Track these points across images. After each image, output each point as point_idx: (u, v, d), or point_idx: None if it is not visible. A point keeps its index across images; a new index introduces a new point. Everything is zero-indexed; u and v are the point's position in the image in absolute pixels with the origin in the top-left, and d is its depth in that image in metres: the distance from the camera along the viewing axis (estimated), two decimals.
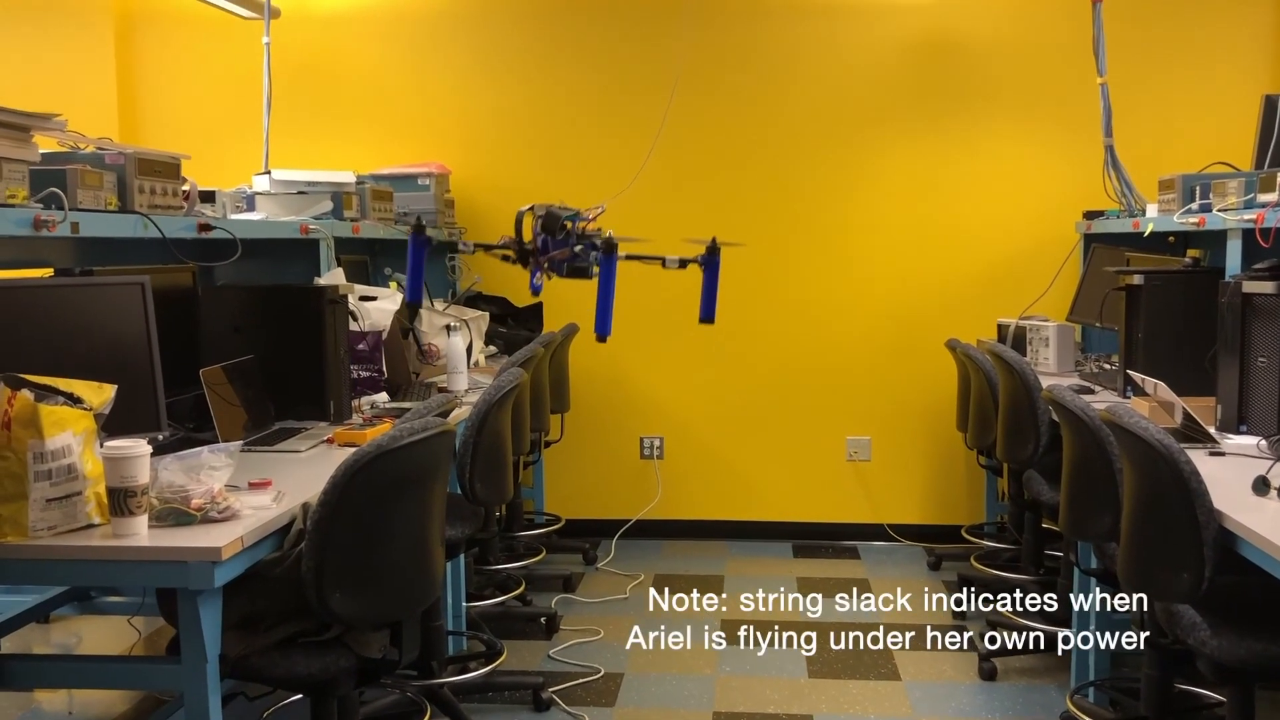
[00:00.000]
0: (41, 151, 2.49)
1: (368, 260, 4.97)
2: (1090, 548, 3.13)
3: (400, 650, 2.47)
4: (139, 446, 2.03)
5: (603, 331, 2.08)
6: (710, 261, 2.23)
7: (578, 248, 2.11)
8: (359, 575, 2.27)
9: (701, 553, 5.23)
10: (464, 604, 3.93)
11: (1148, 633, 2.56)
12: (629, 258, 2.18)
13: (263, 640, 2.28)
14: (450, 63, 5.36)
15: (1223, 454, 2.71)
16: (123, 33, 5.40)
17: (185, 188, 2.96)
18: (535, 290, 2.28)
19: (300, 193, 3.94)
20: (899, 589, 4.65)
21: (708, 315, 2.24)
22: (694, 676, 3.78)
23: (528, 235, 2.20)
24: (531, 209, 2.24)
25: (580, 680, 3.74)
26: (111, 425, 2.20)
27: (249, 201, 3.88)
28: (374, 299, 3.89)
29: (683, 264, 2.29)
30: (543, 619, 4.23)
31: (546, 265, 2.16)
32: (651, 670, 3.84)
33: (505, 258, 2.25)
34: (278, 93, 5.06)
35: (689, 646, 4.03)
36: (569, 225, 2.15)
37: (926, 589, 4.66)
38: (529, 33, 5.32)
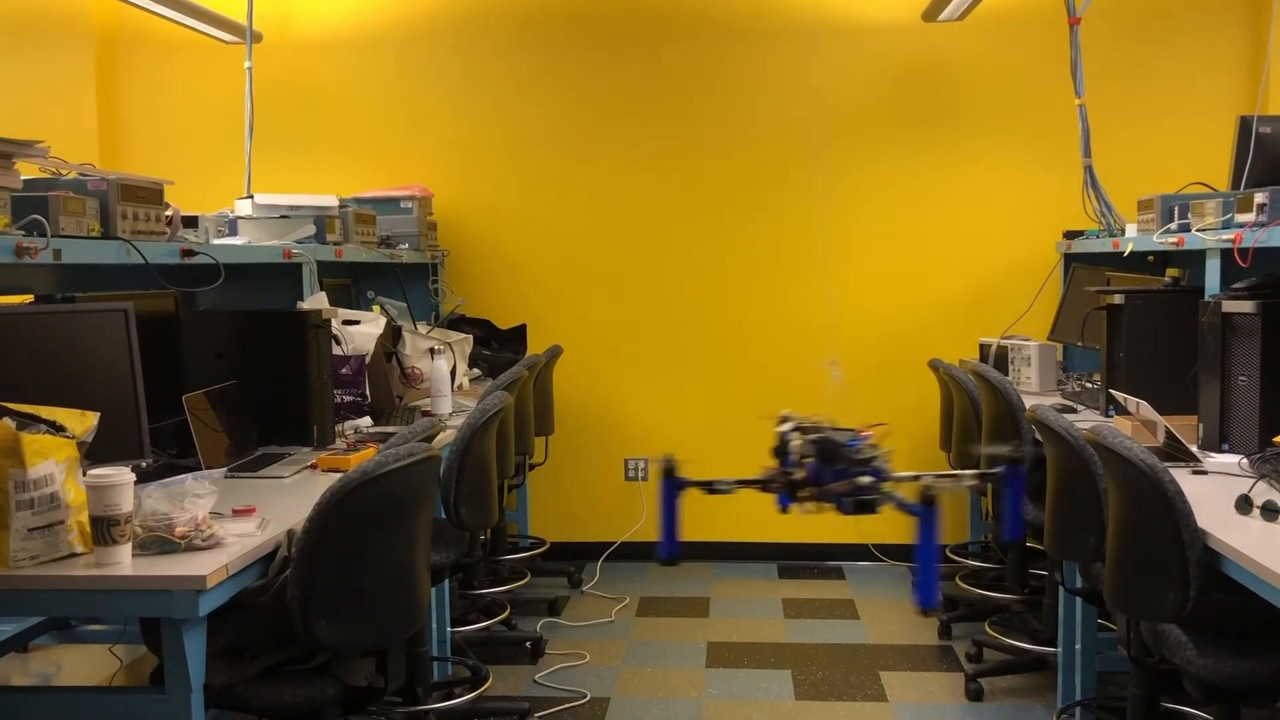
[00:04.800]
0: (23, 178, 2.48)
1: (351, 284, 4.97)
2: (1075, 567, 3.15)
3: (386, 678, 2.45)
4: (122, 474, 2.01)
5: (928, 603, 1.76)
6: (1013, 474, 1.87)
7: (863, 479, 1.82)
8: (344, 602, 2.25)
9: (687, 575, 5.22)
10: (449, 629, 3.91)
11: (1133, 652, 2.56)
12: (914, 477, 1.86)
13: (248, 669, 2.26)
14: (432, 86, 5.38)
15: (1205, 473, 2.73)
16: (104, 58, 5.40)
17: (168, 213, 2.95)
18: (783, 510, 1.96)
19: (283, 217, 3.94)
20: (885, 609, 4.68)
21: (1014, 532, 1.89)
22: (681, 700, 3.77)
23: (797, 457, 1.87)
24: (797, 429, 1.91)
25: (566, 705, 3.72)
26: (94, 453, 2.18)
27: (231, 226, 3.87)
28: (357, 323, 3.88)
29: (983, 479, 1.96)
30: (528, 643, 4.21)
31: (823, 498, 1.87)
32: (638, 694, 3.82)
33: (766, 489, 1.95)
34: (260, 117, 5.07)
35: (675, 670, 4.03)
36: (848, 452, 1.83)
37: (912, 609, 4.68)
38: (510, 56, 5.34)
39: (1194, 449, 2.90)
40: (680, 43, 5.29)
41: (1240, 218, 3.06)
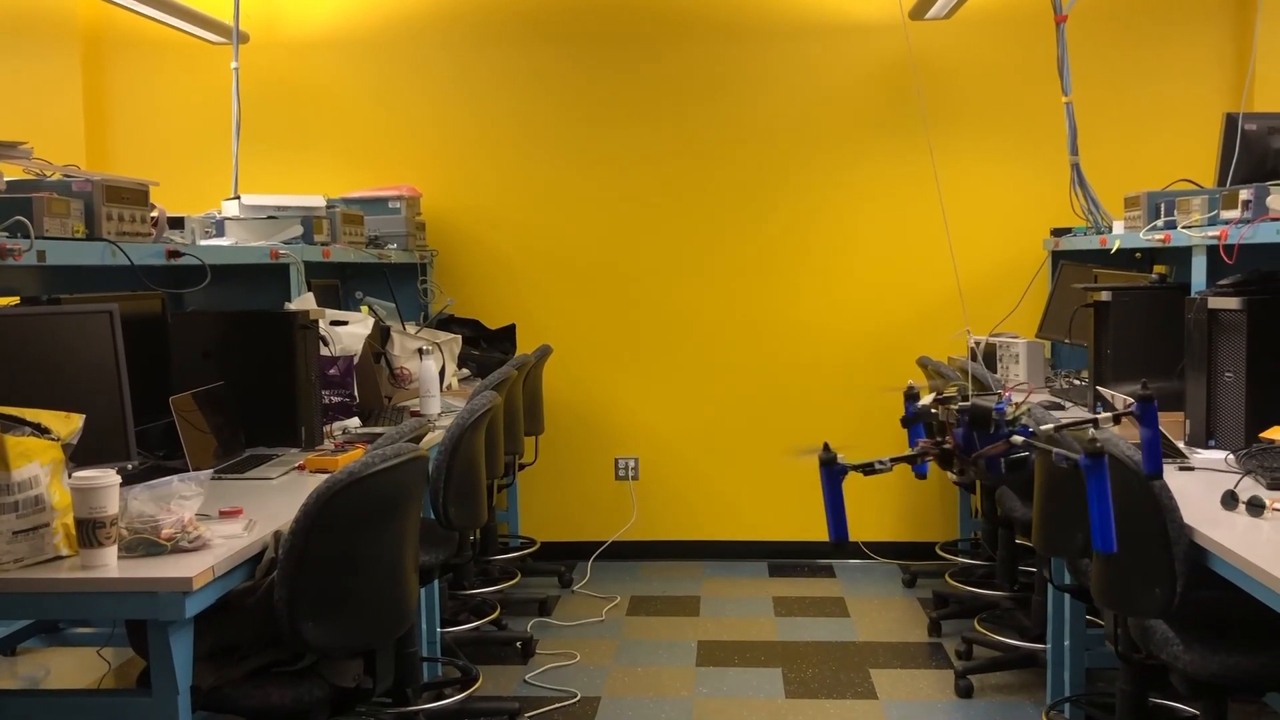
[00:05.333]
0: (7, 179, 2.47)
1: (339, 284, 4.96)
2: (1063, 564, 3.15)
3: (375, 678, 2.45)
4: (108, 477, 2.01)
5: (1107, 546, 1.76)
6: (1146, 411, 1.85)
7: (1016, 438, 1.82)
8: (332, 603, 2.25)
9: (678, 574, 5.22)
10: (439, 630, 3.90)
11: (1121, 648, 2.57)
12: (1058, 428, 1.86)
13: (235, 671, 2.25)
14: (420, 86, 5.37)
15: (1192, 469, 2.73)
16: (90, 58, 5.38)
17: (153, 214, 2.94)
18: (921, 476, 2.03)
19: (270, 217, 3.93)
20: (875, 607, 4.68)
21: (1155, 467, 1.88)
22: (671, 699, 3.77)
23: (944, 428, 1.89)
24: (945, 400, 1.92)
25: (557, 705, 3.72)
26: (80, 455, 2.17)
27: (218, 227, 3.86)
28: (345, 323, 3.87)
29: (1116, 419, 1.95)
30: (518, 643, 4.20)
31: (979, 463, 1.87)
32: (628, 694, 3.82)
33: (923, 461, 1.97)
34: (246, 117, 5.06)
35: (666, 669, 4.04)
36: (997, 416, 1.83)
37: (902, 607, 4.69)
38: (497, 55, 5.34)
39: (1180, 445, 2.91)
40: (668, 42, 5.29)
41: (1226, 214, 3.07)
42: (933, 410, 1.93)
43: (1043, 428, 1.83)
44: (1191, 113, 5.09)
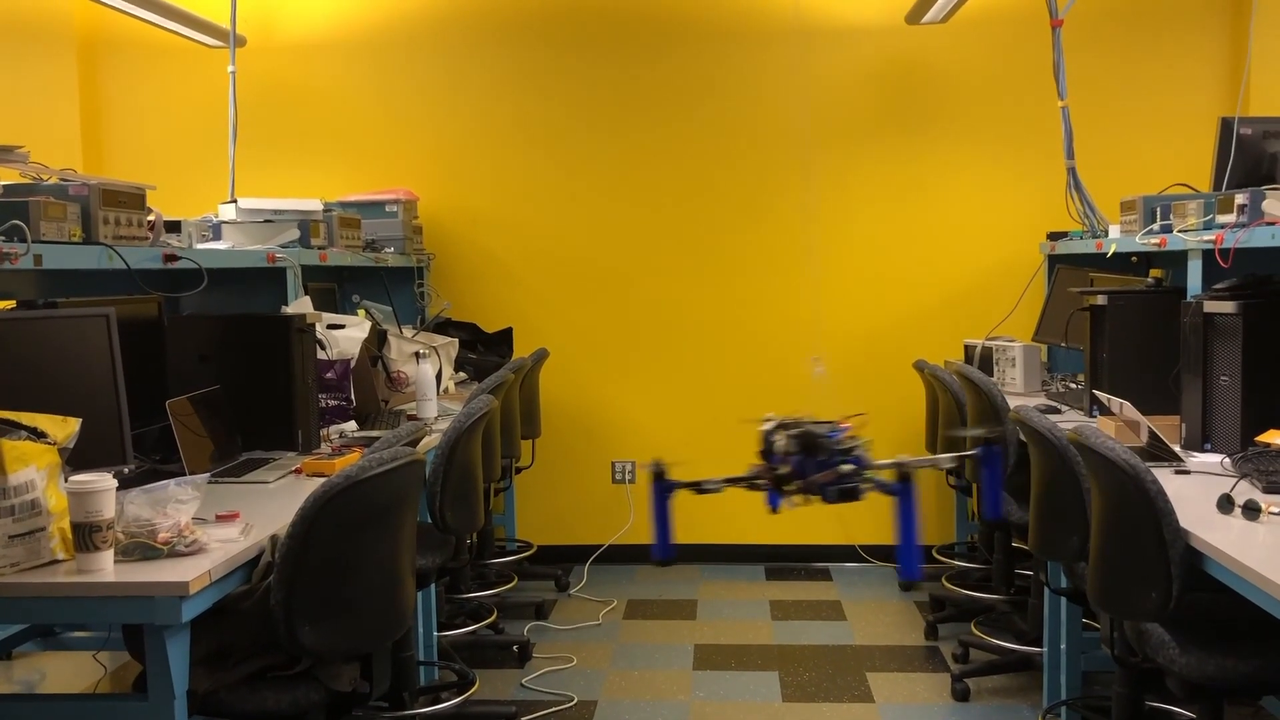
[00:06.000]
0: (3, 183, 2.47)
1: (335, 288, 4.96)
2: (1060, 567, 3.16)
3: (371, 682, 2.44)
4: (104, 480, 2.00)
5: (911, 574, 1.78)
6: (990, 454, 1.88)
7: (845, 468, 1.84)
8: (329, 607, 2.25)
9: (674, 577, 5.22)
10: (435, 634, 3.90)
11: (1117, 651, 2.58)
12: (896, 464, 1.88)
13: (231, 675, 2.25)
14: (417, 89, 5.37)
15: (1188, 472, 2.74)
16: (86, 62, 5.38)
17: (150, 218, 2.94)
18: (773, 510, 1.98)
19: (267, 221, 3.93)
20: (871, 610, 4.69)
21: (994, 511, 1.91)
22: (668, 702, 3.77)
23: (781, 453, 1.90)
24: (780, 426, 1.93)
25: (553, 709, 3.72)
26: (76, 459, 2.17)
27: (215, 230, 3.86)
28: (342, 327, 3.87)
29: (960, 463, 1.99)
30: (515, 647, 4.20)
31: (807, 490, 1.88)
32: (625, 697, 3.82)
33: (754, 487, 1.98)
34: (243, 121, 5.06)
35: (663, 672, 4.03)
36: (828, 442, 1.86)
37: (898, 610, 4.69)
38: (494, 59, 5.34)
39: (1176, 449, 2.91)
40: (663, 45, 5.29)
41: (1221, 218, 3.08)
42: (773, 436, 1.92)
43: (875, 462, 1.82)
44: (1187, 117, 5.10)
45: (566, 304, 5.40)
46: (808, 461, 1.84)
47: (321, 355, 3.59)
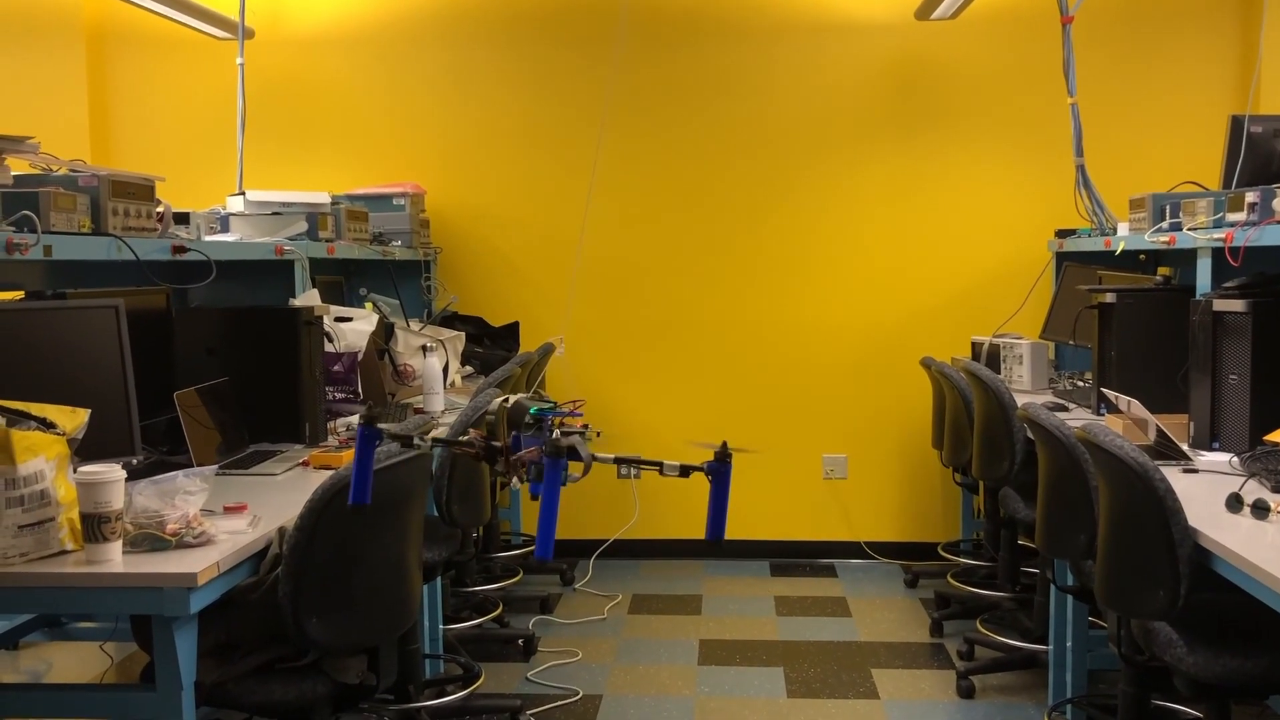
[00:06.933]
0: (14, 174, 2.47)
1: (343, 281, 4.96)
2: (1066, 565, 3.15)
3: (378, 675, 2.45)
4: (113, 471, 2.01)
5: (544, 554, 1.71)
6: (719, 470, 1.82)
7: (550, 449, 1.76)
8: (336, 600, 2.25)
9: (679, 572, 5.22)
10: (441, 627, 3.90)
11: (1124, 649, 2.57)
12: (619, 461, 1.84)
13: (239, 667, 2.25)
14: (425, 83, 5.37)
15: (1196, 471, 2.73)
16: (95, 54, 5.38)
17: (159, 209, 2.94)
18: (534, 495, 1.93)
19: (275, 214, 3.93)
20: (876, 607, 4.68)
21: (715, 534, 1.88)
22: (673, 697, 3.77)
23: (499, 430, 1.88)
24: (504, 400, 1.88)
25: (559, 702, 3.72)
26: (85, 450, 2.17)
27: (223, 223, 3.86)
28: (349, 320, 3.87)
29: (684, 472, 1.93)
30: (520, 641, 4.21)
31: (512, 466, 1.83)
32: (630, 692, 3.82)
33: (475, 456, 1.94)
34: (252, 113, 5.05)
35: (667, 667, 4.04)
36: (539, 420, 1.79)
37: (903, 607, 4.69)
38: (503, 53, 5.34)
39: (1185, 447, 2.91)
40: (672, 42, 5.28)
41: (1231, 217, 3.07)
42: (497, 406, 1.89)
43: (589, 452, 1.78)
44: (1197, 115, 5.08)
45: (573, 299, 5.39)
46: (520, 438, 1.83)
47: (329, 348, 3.59)
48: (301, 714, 2.36)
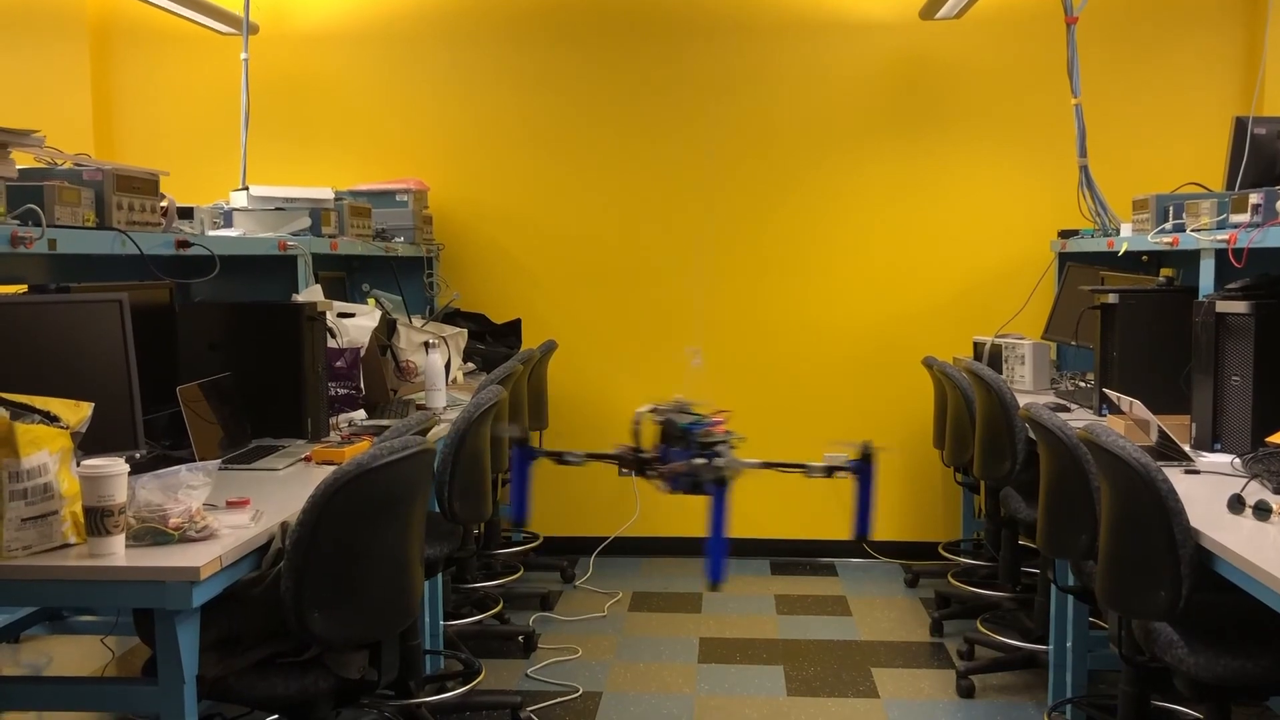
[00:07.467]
0: (19, 168, 2.47)
1: (345, 277, 4.96)
2: (1067, 565, 3.15)
3: (379, 671, 2.45)
4: (116, 465, 2.01)
5: (715, 577, 1.80)
6: (863, 469, 1.87)
7: (699, 461, 1.81)
8: (338, 595, 2.25)
9: (680, 570, 5.23)
10: (442, 623, 3.91)
11: (1124, 650, 2.57)
12: (766, 466, 1.89)
13: (241, 661, 2.26)
14: (429, 79, 5.37)
15: (1198, 472, 2.73)
16: (99, 48, 5.38)
17: (163, 204, 2.94)
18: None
19: (278, 209, 3.93)
20: (877, 606, 4.69)
21: (863, 531, 1.93)
22: (673, 695, 3.78)
23: (646, 441, 1.92)
24: (653, 410, 1.93)
25: (559, 699, 3.73)
26: (88, 444, 2.17)
27: (227, 218, 3.86)
28: (352, 315, 3.88)
29: (828, 473, 1.97)
30: (521, 638, 4.21)
31: (662, 478, 1.88)
32: (630, 689, 3.83)
33: (623, 471, 1.99)
34: (255, 109, 5.05)
35: (667, 665, 4.04)
36: (689, 435, 1.83)
37: (904, 606, 4.70)
38: (507, 50, 5.34)
39: (1187, 448, 2.91)
40: (675, 39, 5.28)
41: (1235, 218, 3.07)
42: (641, 421, 1.93)
43: (736, 460, 1.82)
44: (1201, 116, 5.08)
45: (575, 296, 5.40)
46: (670, 450, 1.87)
47: (331, 343, 3.60)
48: (303, 709, 2.37)
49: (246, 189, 4.07)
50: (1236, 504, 2.32)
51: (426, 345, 4.15)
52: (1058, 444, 2.80)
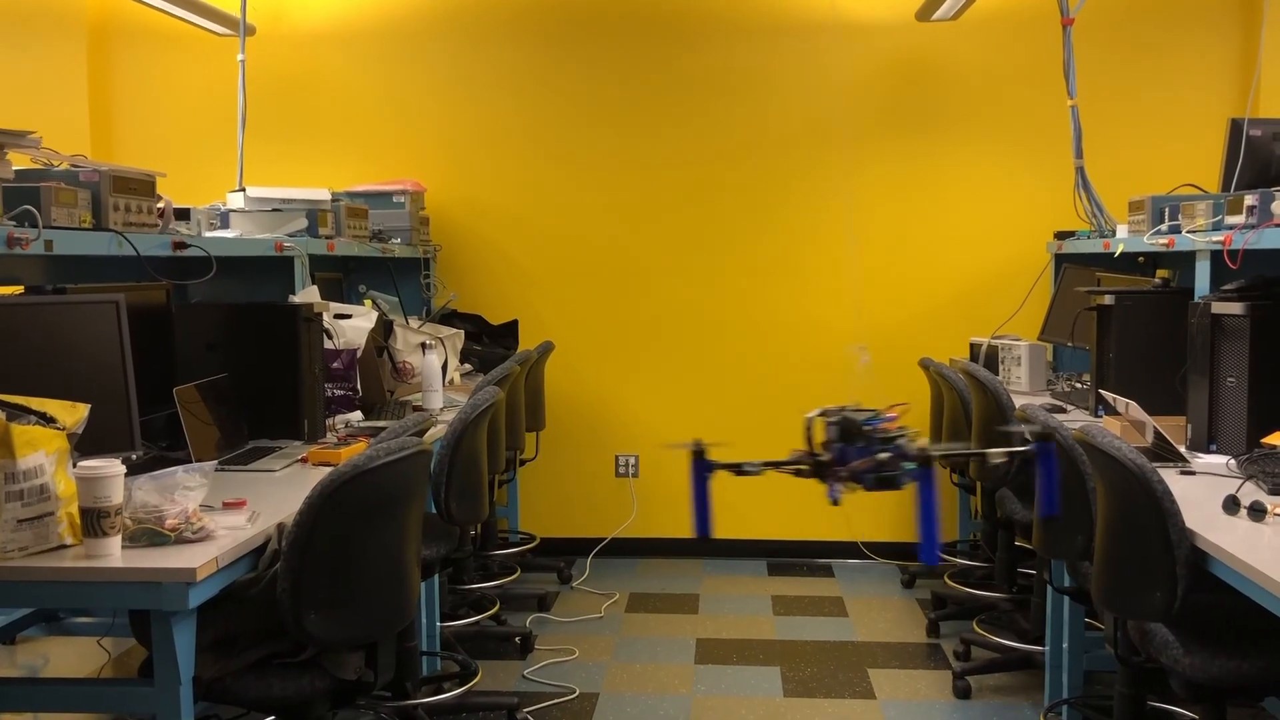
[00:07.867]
0: (15, 169, 2.47)
1: (342, 278, 4.96)
2: (1063, 566, 3.16)
3: (375, 672, 2.45)
4: (112, 466, 2.01)
5: (930, 560, 1.82)
6: (1045, 449, 1.88)
7: (883, 455, 1.86)
8: (335, 596, 2.25)
9: (676, 571, 5.23)
10: (438, 624, 3.91)
11: (1120, 651, 2.58)
12: (945, 456, 1.93)
13: (237, 662, 2.26)
14: (425, 80, 5.37)
15: (1193, 473, 2.74)
16: (96, 49, 5.38)
17: (160, 205, 2.94)
18: (834, 502, 1.99)
19: (275, 210, 3.93)
20: (873, 607, 4.69)
21: (1051, 508, 1.95)
22: (670, 696, 3.78)
23: (817, 443, 1.93)
24: (823, 413, 1.95)
25: (555, 700, 3.73)
26: (84, 445, 2.17)
27: (223, 219, 3.86)
28: (349, 317, 3.88)
29: (1011, 458, 1.99)
30: (517, 639, 4.21)
31: (848, 477, 1.93)
32: (627, 690, 3.83)
33: (798, 472, 2.00)
34: (252, 110, 5.05)
35: (664, 666, 4.04)
36: (868, 430, 1.88)
37: (900, 607, 4.70)
38: (504, 51, 5.34)
39: (1182, 449, 2.91)
40: (672, 41, 5.29)
41: (1230, 220, 3.08)
42: (814, 423, 1.93)
43: (920, 447, 1.84)
44: (1197, 117, 5.09)
45: (572, 297, 5.40)
46: (848, 449, 1.87)
47: (328, 344, 3.60)
48: (299, 709, 2.37)
49: (243, 190, 4.07)
50: (1232, 505, 2.32)
51: (423, 346, 4.15)
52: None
